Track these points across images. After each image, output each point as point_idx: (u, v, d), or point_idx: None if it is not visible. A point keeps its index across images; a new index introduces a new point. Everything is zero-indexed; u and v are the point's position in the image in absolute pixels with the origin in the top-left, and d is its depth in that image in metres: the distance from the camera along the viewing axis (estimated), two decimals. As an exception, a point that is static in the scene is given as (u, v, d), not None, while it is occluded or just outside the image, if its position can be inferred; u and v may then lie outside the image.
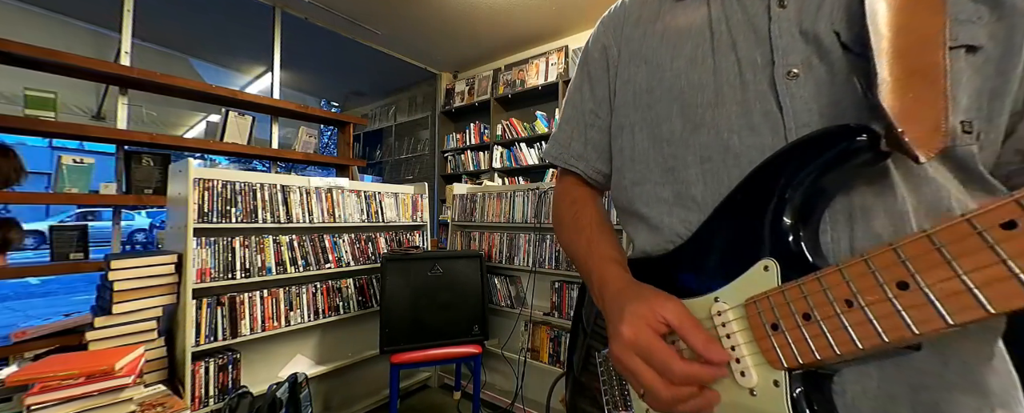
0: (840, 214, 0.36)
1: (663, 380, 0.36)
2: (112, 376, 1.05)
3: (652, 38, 0.51)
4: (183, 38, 4.02)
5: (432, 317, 1.83)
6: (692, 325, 0.37)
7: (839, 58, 0.37)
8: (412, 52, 4.21)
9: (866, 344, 0.28)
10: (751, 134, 0.40)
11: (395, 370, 1.74)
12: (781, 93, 0.39)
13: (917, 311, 0.26)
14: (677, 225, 0.46)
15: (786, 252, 0.35)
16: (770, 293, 0.34)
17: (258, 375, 1.77)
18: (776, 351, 0.33)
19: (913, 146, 0.29)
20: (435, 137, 4.72)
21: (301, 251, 1.89)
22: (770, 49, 0.40)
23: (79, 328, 1.59)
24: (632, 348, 0.38)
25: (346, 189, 2.11)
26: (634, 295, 0.42)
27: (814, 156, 0.34)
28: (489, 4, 3.21)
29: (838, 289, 0.30)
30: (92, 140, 2.09)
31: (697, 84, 0.45)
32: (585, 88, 0.59)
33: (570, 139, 0.61)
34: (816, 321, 0.31)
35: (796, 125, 0.38)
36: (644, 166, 0.49)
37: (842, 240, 0.36)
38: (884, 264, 0.28)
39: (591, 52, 0.59)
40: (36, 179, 2.43)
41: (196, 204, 1.55)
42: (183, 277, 1.50)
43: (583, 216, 0.58)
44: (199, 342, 1.53)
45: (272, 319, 1.76)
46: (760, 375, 0.34)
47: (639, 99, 0.50)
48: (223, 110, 2.45)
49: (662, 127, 0.47)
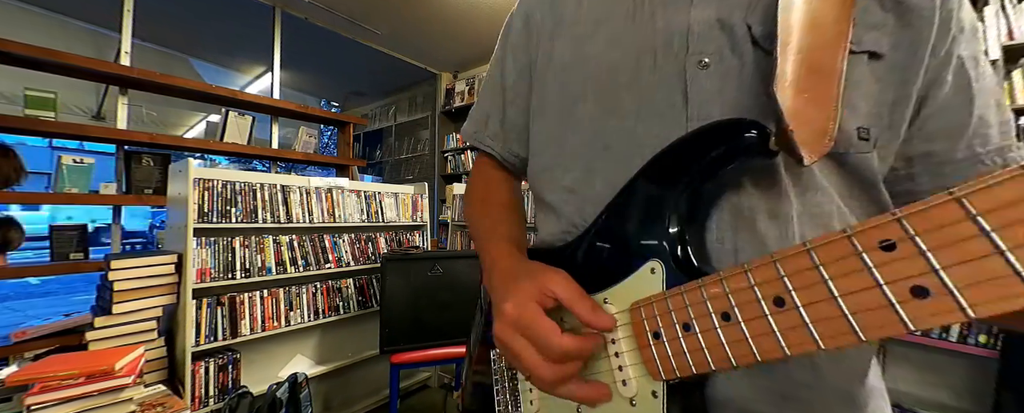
0: (726, 214, 0.35)
1: (543, 358, 0.33)
2: (112, 376, 1.05)
3: (577, 11, 0.48)
4: (183, 38, 4.02)
5: (432, 317, 1.83)
6: (579, 295, 0.35)
7: (748, 52, 0.36)
8: (412, 52, 4.21)
9: (741, 362, 0.27)
10: (656, 122, 0.39)
11: (395, 370, 1.74)
12: (689, 82, 0.37)
13: (793, 333, 0.24)
14: (574, 216, 0.44)
15: (672, 253, 0.33)
16: (654, 299, 0.32)
17: (258, 375, 1.77)
18: (656, 362, 0.32)
19: (799, 147, 0.29)
20: (435, 137, 4.72)
21: (301, 251, 1.89)
22: (687, 34, 0.38)
23: (79, 328, 1.59)
24: (514, 325, 0.35)
25: (346, 189, 2.11)
26: (522, 272, 0.40)
27: (704, 151, 0.33)
28: (489, 4, 3.21)
29: (718, 301, 0.28)
30: (92, 140, 2.09)
31: (614, 65, 0.42)
32: (508, 61, 0.55)
33: (487, 117, 0.57)
34: (695, 333, 0.29)
35: (698, 117, 0.36)
36: (555, 150, 0.47)
37: (726, 241, 0.35)
38: (764, 278, 0.26)
39: (514, 21, 0.55)
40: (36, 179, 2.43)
41: (196, 204, 1.55)
42: (183, 277, 1.50)
43: (492, 198, 0.55)
44: (199, 342, 1.53)
45: (272, 319, 1.76)
46: (640, 385, 0.33)
47: (557, 77, 0.47)
48: (223, 110, 2.45)
49: (575, 109, 0.45)
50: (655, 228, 0.35)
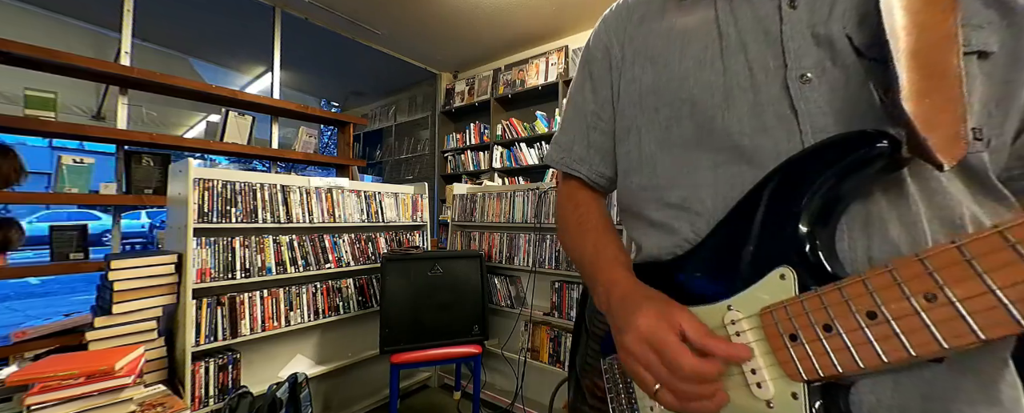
0: (856, 221, 0.36)
1: (675, 374, 0.35)
2: (112, 376, 1.05)
3: (657, 37, 0.49)
4: (183, 38, 4.02)
5: (432, 317, 1.83)
6: (707, 332, 0.36)
7: (853, 62, 0.36)
8: (412, 52, 4.21)
9: (892, 358, 0.28)
10: (764, 136, 0.39)
11: (395, 370, 1.74)
12: (795, 96, 0.38)
13: (947, 326, 0.25)
14: (686, 230, 0.45)
15: (803, 260, 0.34)
16: (788, 302, 0.33)
17: (258, 375, 1.77)
18: (795, 363, 0.32)
19: (936, 152, 0.28)
20: (435, 137, 4.72)
21: (301, 251, 1.89)
22: (782, 51, 0.39)
23: (79, 328, 1.59)
24: (647, 340, 0.37)
25: (346, 189, 2.11)
26: (649, 295, 0.41)
27: (833, 161, 0.34)
28: (489, 4, 3.21)
29: (860, 300, 0.29)
30: (92, 140, 2.09)
31: (706, 86, 0.43)
32: (586, 89, 0.58)
33: (572, 142, 0.59)
34: (838, 333, 0.30)
35: (812, 129, 0.37)
36: (651, 170, 0.48)
37: (858, 248, 0.35)
38: (910, 275, 0.27)
39: (593, 51, 0.57)
40: (36, 179, 2.43)
41: (196, 204, 1.54)
42: (183, 277, 1.50)
43: (588, 220, 0.57)
44: (199, 342, 1.53)
45: (272, 319, 1.76)
46: (778, 387, 0.34)
47: (645, 100, 0.49)
48: (223, 110, 2.45)
49: (671, 130, 0.46)
50: (784, 236, 0.36)
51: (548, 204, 2.07)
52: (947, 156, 0.29)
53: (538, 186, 2.15)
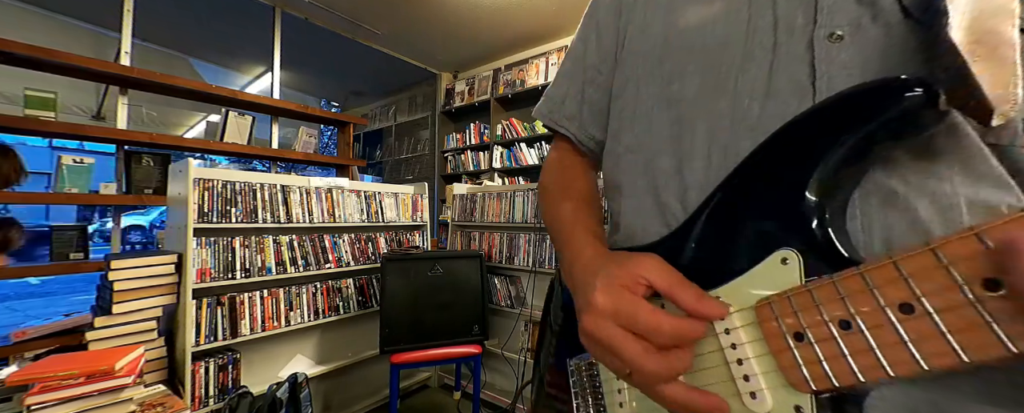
0: (873, 196, 0.29)
1: (649, 349, 0.29)
2: (112, 376, 1.05)
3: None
4: (183, 38, 4.02)
5: (432, 317, 1.83)
6: (678, 280, 0.30)
7: (898, 22, 0.30)
8: (412, 52, 4.21)
9: (935, 363, 0.21)
10: (773, 102, 0.33)
11: (395, 370, 1.74)
12: (818, 57, 0.32)
13: (1012, 324, 0.18)
14: (673, 203, 0.39)
15: (810, 241, 0.27)
16: (791, 293, 0.26)
17: (258, 375, 1.77)
18: (801, 369, 0.25)
19: (991, 101, 0.23)
20: (435, 137, 4.72)
21: (301, 251, 1.89)
22: (814, 8, 0.33)
23: (79, 328, 1.59)
24: (611, 317, 0.31)
25: (346, 189, 2.11)
26: (609, 260, 0.35)
27: (850, 116, 0.27)
28: (489, 4, 3.21)
29: (892, 289, 0.22)
30: (92, 140, 2.09)
31: (723, 39, 0.37)
32: (591, 39, 0.51)
33: (565, 96, 0.53)
34: (860, 333, 0.23)
35: (829, 92, 0.31)
36: (645, 129, 0.42)
37: (874, 230, 0.29)
38: (962, 255, 0.19)
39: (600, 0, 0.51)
40: (36, 179, 2.43)
41: (196, 204, 1.54)
42: (183, 277, 1.50)
43: (571, 188, 0.50)
44: (199, 342, 1.53)
45: (272, 319, 1.76)
46: (777, 399, 0.26)
47: (652, 51, 0.43)
48: (223, 110, 2.46)
49: (674, 85, 0.40)
50: (786, 212, 0.29)
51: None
52: (1000, 110, 0.23)
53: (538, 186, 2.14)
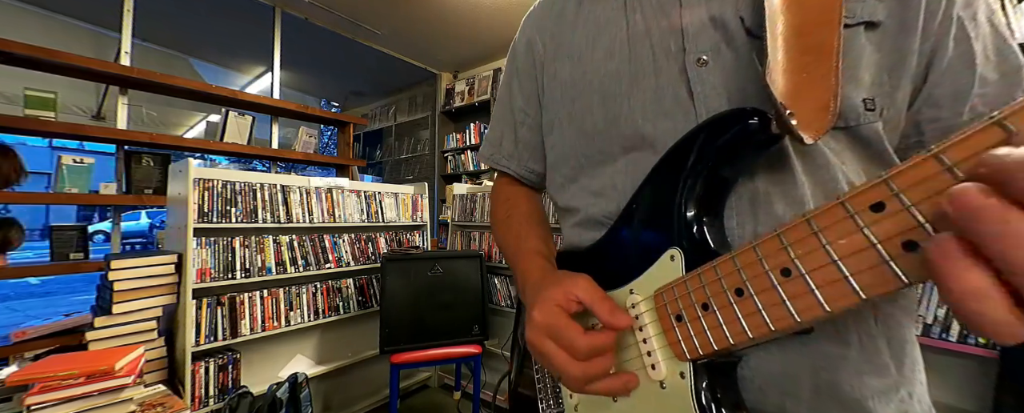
0: (744, 200, 0.36)
1: (572, 358, 0.35)
2: (112, 376, 1.05)
3: (573, 30, 0.50)
4: (183, 38, 4.02)
5: (432, 317, 1.83)
6: (600, 297, 0.37)
7: (744, 43, 0.37)
8: (412, 52, 4.21)
9: (756, 333, 0.28)
10: (665, 120, 0.40)
11: (395, 370, 1.74)
12: (692, 79, 0.39)
13: (800, 300, 0.25)
14: (600, 217, 0.46)
15: (690, 241, 0.35)
16: (675, 283, 0.34)
17: (258, 375, 1.77)
18: (680, 343, 0.33)
19: (799, 128, 0.29)
20: (435, 137, 4.72)
21: (301, 251, 1.89)
22: (681, 35, 0.40)
23: (79, 328, 1.59)
24: (544, 330, 0.37)
25: (346, 189, 2.11)
26: (549, 281, 0.42)
27: (711, 142, 0.34)
28: (489, 4, 3.21)
29: (731, 278, 0.29)
30: (92, 140, 2.09)
31: (614, 74, 0.44)
32: (514, 85, 0.58)
33: (501, 138, 0.60)
34: (713, 311, 0.30)
35: (706, 111, 0.38)
36: (575, 161, 0.49)
37: (746, 226, 0.36)
38: (770, 251, 0.27)
39: (517, 47, 0.58)
40: (36, 179, 2.43)
41: (196, 204, 1.55)
42: (183, 277, 1.50)
43: (515, 214, 0.58)
44: (199, 342, 1.53)
45: (272, 319, 1.76)
46: (668, 368, 0.34)
47: (565, 94, 0.49)
48: (223, 110, 2.46)
49: (586, 120, 0.47)
50: (672, 218, 0.36)
51: (548, 204, 2.06)
52: (810, 131, 0.29)
53: (538, 186, 2.14)
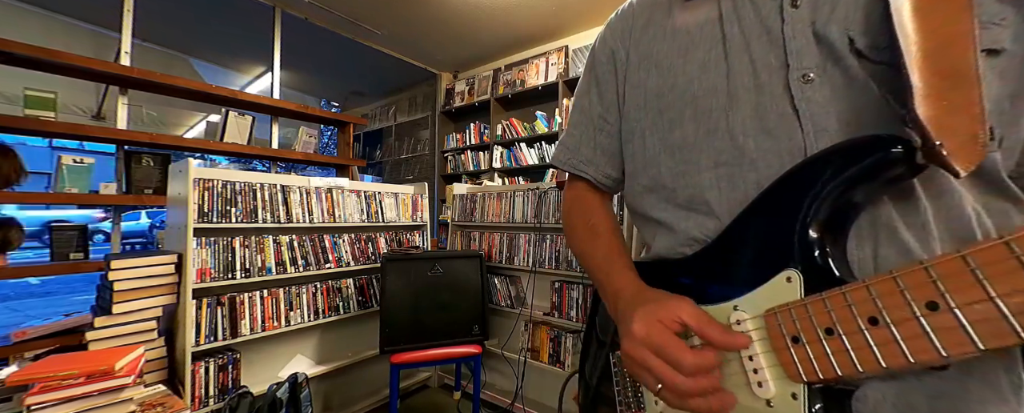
0: (865, 227, 0.36)
1: (678, 372, 0.36)
2: (112, 376, 1.05)
3: (662, 41, 0.49)
4: (183, 38, 4.02)
5: (432, 317, 1.83)
6: (708, 320, 0.37)
7: (853, 64, 0.36)
8: (412, 52, 4.21)
9: (890, 363, 0.27)
10: (767, 138, 0.40)
11: (395, 370, 1.74)
12: (796, 97, 0.38)
13: (947, 334, 0.25)
14: (693, 230, 0.45)
15: (811, 264, 0.34)
16: (792, 305, 0.34)
17: (258, 375, 1.77)
18: (796, 365, 0.33)
19: (952, 159, 0.28)
20: (435, 137, 4.71)
21: (301, 251, 1.89)
22: (784, 51, 0.39)
23: (79, 328, 1.59)
24: (644, 343, 0.38)
25: (346, 189, 2.11)
26: (648, 298, 0.42)
27: (845, 167, 0.33)
28: (489, 4, 3.21)
29: (864, 305, 0.29)
30: (92, 140, 2.09)
31: (710, 88, 0.44)
32: (593, 93, 0.59)
33: (579, 144, 0.60)
34: (838, 336, 0.30)
35: (813, 128, 0.37)
36: (656, 171, 0.49)
37: (866, 249, 0.36)
38: (914, 283, 0.27)
39: (598, 56, 0.58)
40: (36, 179, 2.43)
41: (196, 204, 1.54)
42: (183, 277, 1.50)
43: (598, 223, 0.58)
44: (199, 342, 1.53)
45: (272, 319, 1.76)
46: (778, 387, 0.34)
47: (650, 104, 0.50)
48: (223, 110, 2.46)
49: (674, 132, 0.46)
50: (791, 239, 0.36)
51: (548, 204, 2.06)
52: (963, 162, 0.28)
53: (538, 186, 2.14)
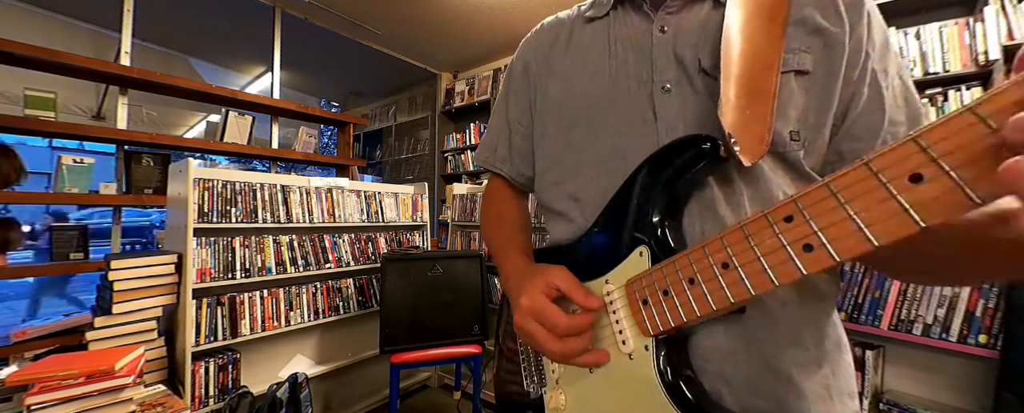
0: (695, 205, 0.45)
1: (554, 336, 0.44)
2: (112, 376, 1.05)
3: (564, 56, 0.59)
4: (183, 38, 4.01)
5: (432, 317, 1.83)
6: (574, 284, 0.45)
7: (699, 79, 0.46)
8: (412, 52, 4.21)
9: (702, 310, 0.37)
10: (633, 136, 0.49)
11: (395, 370, 1.74)
12: (657, 104, 0.47)
13: (735, 287, 0.34)
14: (579, 217, 0.54)
15: (656, 239, 0.43)
16: (642, 275, 0.42)
17: (258, 375, 1.77)
18: (645, 322, 0.41)
19: (741, 154, 0.38)
20: (435, 137, 4.71)
21: (301, 251, 1.89)
22: (652, 67, 0.49)
23: (79, 328, 1.59)
24: (530, 313, 0.46)
25: (346, 189, 2.11)
26: (531, 272, 0.50)
27: (674, 159, 0.43)
28: (489, 4, 3.21)
29: (685, 270, 0.38)
30: (92, 140, 2.09)
31: (597, 95, 0.52)
32: (510, 99, 0.67)
33: (496, 144, 0.68)
34: (672, 295, 0.39)
35: (666, 130, 0.46)
36: (559, 167, 0.57)
37: (696, 226, 0.44)
38: (714, 249, 0.36)
39: (515, 67, 0.67)
40: (36, 179, 2.44)
41: (196, 204, 1.55)
42: (183, 277, 1.50)
43: (506, 213, 0.67)
44: (199, 342, 1.53)
45: (272, 319, 1.76)
46: (635, 342, 0.43)
47: (553, 109, 0.58)
48: (223, 110, 2.46)
49: (571, 133, 0.55)
50: (642, 221, 0.45)
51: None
52: (748, 155, 0.38)
53: (538, 186, 2.15)
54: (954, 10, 1.89)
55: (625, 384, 0.44)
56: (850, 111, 0.44)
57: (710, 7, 0.48)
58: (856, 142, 0.44)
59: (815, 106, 0.43)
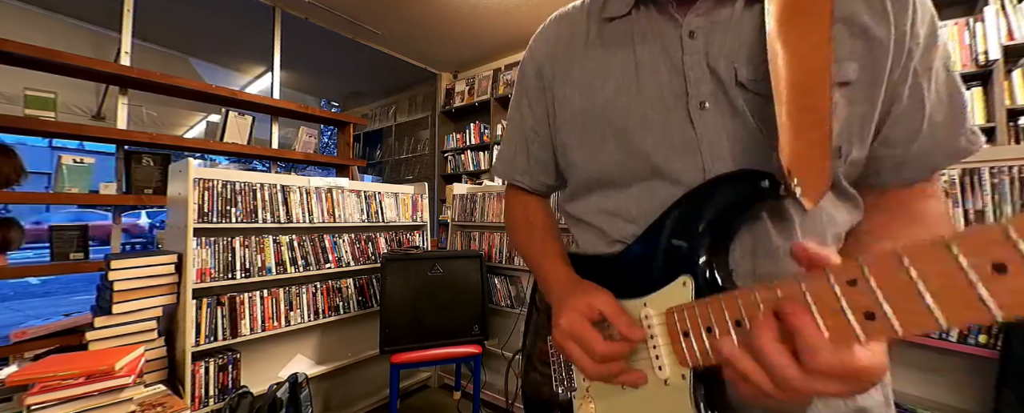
0: (747, 236, 0.43)
1: (591, 359, 0.43)
2: (112, 376, 1.05)
3: (584, 61, 0.54)
4: (183, 38, 4.02)
5: (432, 317, 1.83)
6: (619, 312, 0.44)
7: (737, 94, 0.42)
8: (412, 52, 4.21)
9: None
10: (673, 156, 0.45)
11: (395, 370, 1.74)
12: (695, 122, 0.44)
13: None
14: (617, 233, 0.51)
15: (700, 272, 0.42)
16: (685, 306, 0.41)
17: (258, 375, 1.77)
18: (685, 353, 0.40)
19: (802, 195, 0.36)
20: (435, 137, 4.72)
21: (301, 251, 1.89)
22: (684, 80, 0.45)
23: (79, 328, 1.59)
24: (568, 335, 0.45)
25: (346, 189, 2.11)
26: (574, 291, 0.49)
27: (725, 194, 0.42)
28: (489, 4, 3.21)
29: (732, 312, 0.36)
30: (92, 140, 2.09)
31: (625, 110, 0.48)
32: (524, 106, 0.63)
33: (514, 156, 0.65)
34: (715, 334, 0.37)
35: (710, 151, 0.43)
36: (587, 181, 0.55)
37: (747, 261, 0.43)
38: (766, 297, 0.33)
39: (527, 72, 0.62)
40: (36, 179, 2.44)
41: (196, 204, 1.54)
42: (183, 277, 1.50)
43: (536, 220, 0.65)
44: (199, 342, 1.53)
45: (272, 319, 1.76)
46: (672, 370, 0.42)
47: (575, 121, 0.54)
48: (223, 110, 2.46)
49: (600, 148, 0.51)
50: (688, 251, 0.43)
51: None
52: (810, 197, 0.36)
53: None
54: (954, 10, 1.89)
55: (658, 408, 0.43)
56: (888, 118, 0.41)
57: (742, 5, 0.43)
58: (891, 148, 0.42)
59: (859, 117, 0.40)
